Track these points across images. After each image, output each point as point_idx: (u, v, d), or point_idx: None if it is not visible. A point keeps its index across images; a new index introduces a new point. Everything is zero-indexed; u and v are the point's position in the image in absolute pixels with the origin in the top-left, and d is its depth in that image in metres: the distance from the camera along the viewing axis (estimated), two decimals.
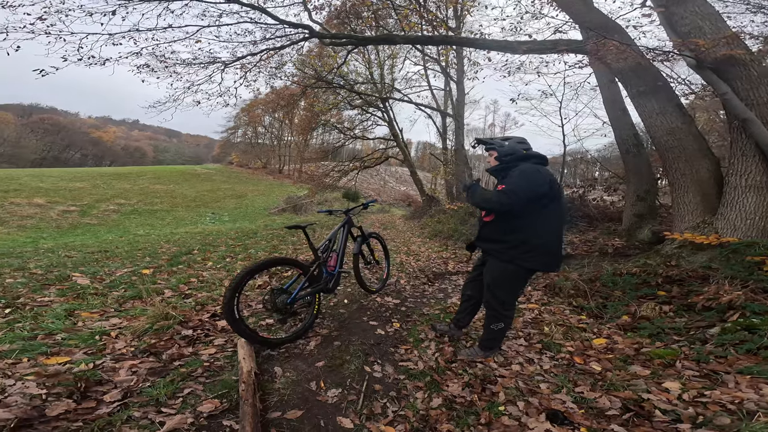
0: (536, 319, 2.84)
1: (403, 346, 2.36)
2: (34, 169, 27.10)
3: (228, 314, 1.79)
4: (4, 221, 13.76)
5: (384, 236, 7.92)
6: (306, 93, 11.24)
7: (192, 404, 1.45)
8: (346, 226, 2.92)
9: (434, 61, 12.24)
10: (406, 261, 5.10)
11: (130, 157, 49.13)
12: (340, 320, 2.67)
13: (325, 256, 2.57)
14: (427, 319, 2.83)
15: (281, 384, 1.73)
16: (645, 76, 3.98)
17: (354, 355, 2.11)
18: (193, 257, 4.50)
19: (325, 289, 2.51)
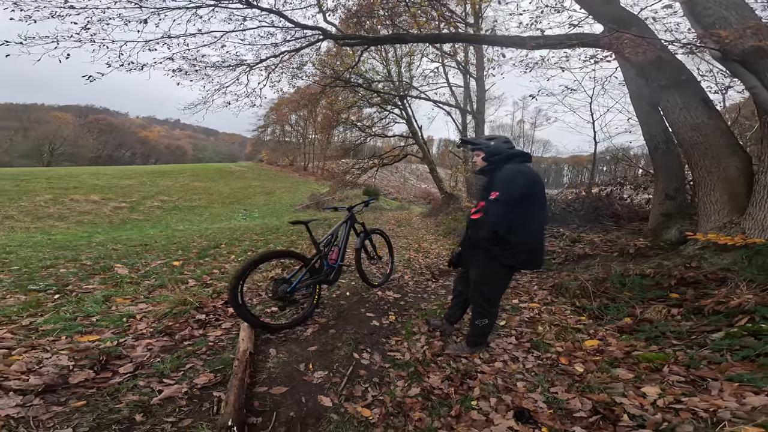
0: (533, 318, 2.83)
1: (395, 338, 2.49)
2: (91, 167, 29.91)
3: (233, 300, 2.02)
4: (65, 217, 15.28)
5: (397, 233, 8.05)
6: (325, 92, 11.53)
7: (190, 377, 1.68)
8: (348, 222, 3.09)
9: (451, 57, 12.00)
10: (414, 258, 5.18)
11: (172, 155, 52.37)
12: (339, 310, 2.84)
13: (326, 250, 2.73)
14: (423, 314, 2.93)
15: (273, 363, 1.93)
16: (667, 70, 3.73)
17: (345, 343, 2.27)
18: (219, 251, 4.89)
19: (326, 280, 2.69)
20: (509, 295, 3.34)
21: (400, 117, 14.28)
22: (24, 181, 19.68)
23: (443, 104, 13.13)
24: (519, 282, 3.77)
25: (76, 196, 18.46)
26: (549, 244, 5.06)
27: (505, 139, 2.09)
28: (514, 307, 3.06)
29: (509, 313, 2.91)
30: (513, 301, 3.17)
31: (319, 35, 6.40)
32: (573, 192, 6.96)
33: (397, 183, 31.80)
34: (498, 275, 2.07)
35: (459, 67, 12.23)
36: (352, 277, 3.85)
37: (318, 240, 2.77)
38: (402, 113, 13.95)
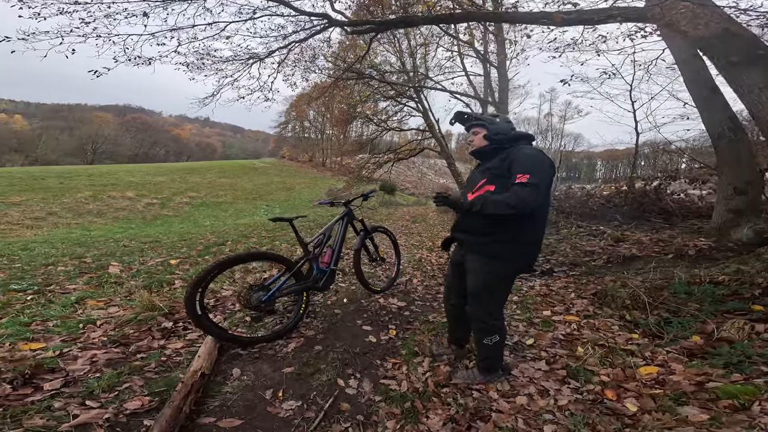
0: (571, 335, 2.28)
1: (393, 359, 2.05)
2: (128, 164, 31.52)
3: (190, 310, 1.69)
4: (103, 213, 15.99)
5: (410, 230, 7.56)
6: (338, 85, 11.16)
7: (123, 399, 1.37)
8: (345, 218, 2.67)
9: (468, 46, 11.07)
10: (427, 258, 4.70)
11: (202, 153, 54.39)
12: (331, 321, 2.44)
13: (317, 252, 2.35)
14: (430, 328, 2.46)
15: (232, 387, 1.57)
16: (736, 45, 3.01)
17: (330, 364, 1.87)
18: (222, 249, 4.67)
19: (314, 287, 2.30)
20: (540, 305, 2.79)
21: (415, 110, 13.51)
22: (67, 178, 20.96)
23: (461, 95, 12.27)
24: (552, 288, 3.21)
25: (113, 192, 19.41)
26: (587, 243, 4.42)
27: (507, 119, 1.76)
28: (545, 320, 2.50)
29: (539, 329, 2.37)
30: (544, 313, 2.62)
31: (325, 23, 6.04)
32: (612, 186, 6.16)
33: (414, 178, 31.13)
34: (503, 279, 1.69)
35: (478, 56, 11.32)
36: (353, 281, 3.45)
37: (307, 240, 2.39)
38: (418, 106, 13.21)
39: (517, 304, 2.85)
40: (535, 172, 1.47)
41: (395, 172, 26.95)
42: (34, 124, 41.60)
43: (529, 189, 1.43)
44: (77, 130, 40.04)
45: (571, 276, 3.52)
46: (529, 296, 3.01)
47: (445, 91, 12.21)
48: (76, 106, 49.95)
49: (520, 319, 2.54)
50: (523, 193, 1.43)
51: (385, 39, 11.91)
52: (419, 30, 11.30)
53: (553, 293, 3.06)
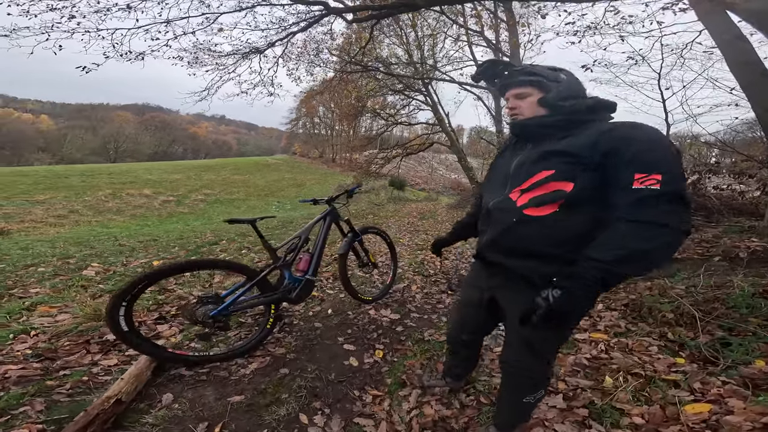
0: (597, 360, 1.84)
1: (373, 391, 1.69)
2: (146, 162, 32.33)
3: (111, 324, 1.41)
4: (122, 211, 16.34)
5: (417, 228, 7.14)
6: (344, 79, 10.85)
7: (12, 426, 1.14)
8: (327, 218, 2.30)
9: (479, 35, 10.40)
10: (431, 260, 4.30)
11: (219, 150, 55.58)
12: (308, 338, 2.09)
13: (290, 258, 2.01)
14: (423, 349, 2.08)
15: (154, 418, 1.28)
16: None
17: (294, 394, 1.53)
18: (214, 248, 4.42)
19: (286, 298, 1.96)
20: None
21: (424, 103, 13.08)
22: (89, 177, 21.63)
23: (471, 86, 11.57)
24: None
25: (131, 190, 19.93)
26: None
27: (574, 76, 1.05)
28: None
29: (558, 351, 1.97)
30: None
31: (323, 10, 5.70)
32: None
33: (424, 173, 30.51)
34: (578, 315, 1.06)
35: (489, 45, 10.58)
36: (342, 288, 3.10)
37: (278, 245, 2.05)
38: (426, 99, 12.75)
39: None
40: (669, 169, 0.80)
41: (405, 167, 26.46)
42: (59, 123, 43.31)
43: (670, 206, 0.78)
44: (100, 129, 41.43)
45: None
46: None
47: (453, 83, 11.61)
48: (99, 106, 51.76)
49: None
50: (667, 215, 0.78)
51: (391, 32, 11.53)
52: (426, 21, 10.83)
53: None
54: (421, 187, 25.71)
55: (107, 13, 4.54)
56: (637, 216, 0.80)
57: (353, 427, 1.43)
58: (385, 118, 14.46)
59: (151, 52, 5.11)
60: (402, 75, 11.51)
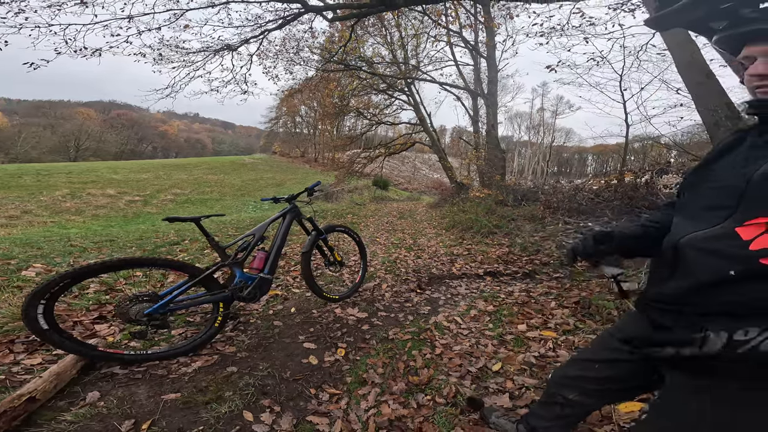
0: (545, 357, 1.92)
1: (331, 389, 1.68)
2: (111, 161, 30.88)
3: (28, 322, 1.38)
4: (82, 211, 15.55)
5: (395, 227, 7.18)
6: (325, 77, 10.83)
7: None
8: (287, 216, 2.29)
9: (458, 36, 10.83)
10: (403, 258, 4.32)
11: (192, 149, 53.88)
12: (263, 336, 2.06)
13: (242, 256, 1.99)
14: (386, 347, 2.09)
15: (74, 416, 1.25)
16: None
17: (240, 392, 1.50)
18: (173, 249, 4.26)
19: (237, 297, 1.94)
20: (515, 316, 2.41)
21: (407, 104, 13.33)
22: (45, 176, 20.35)
23: (451, 86, 11.97)
24: (532, 295, 2.84)
25: (92, 190, 18.97)
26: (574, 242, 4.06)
27: None
28: (518, 337, 2.14)
29: (510, 349, 2.01)
30: (519, 327, 2.26)
31: (300, 8, 5.66)
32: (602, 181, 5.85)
33: (407, 173, 30.87)
34: None
35: (467, 45, 11.04)
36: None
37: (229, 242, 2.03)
38: (409, 99, 12.97)
39: (490, 316, 2.47)
40: None
41: (389, 167, 26.61)
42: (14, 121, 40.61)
43: None
44: (59, 127, 39.12)
45: (554, 279, 3.15)
46: (505, 305, 2.64)
47: (434, 83, 11.90)
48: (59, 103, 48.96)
49: (491, 336, 2.17)
50: None
51: (376, 31, 11.68)
52: (410, 22, 11.08)
53: (532, 301, 2.69)
54: (404, 186, 25.93)
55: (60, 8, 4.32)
56: None
57: (305, 425, 1.41)
58: (368, 118, 14.54)
59: (109, 48, 4.91)
60: (385, 75, 11.62)
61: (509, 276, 3.44)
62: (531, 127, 43.68)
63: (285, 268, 3.43)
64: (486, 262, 3.98)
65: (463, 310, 2.63)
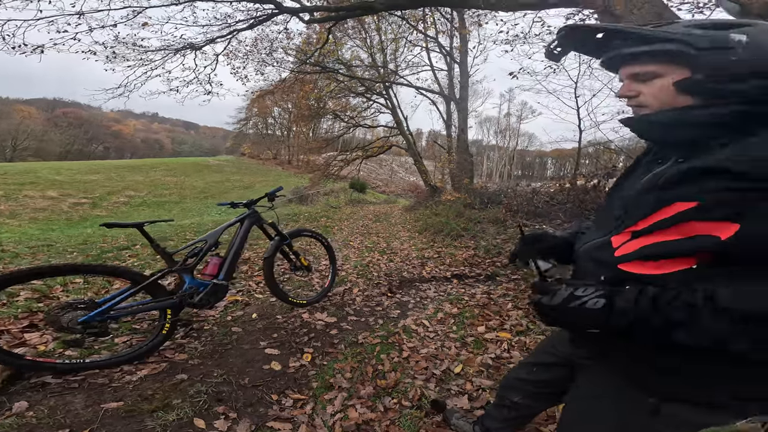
0: (501, 358, 2.04)
1: (295, 395, 1.67)
2: (54, 162, 28.74)
3: None
4: (17, 214, 14.40)
5: (369, 230, 7.22)
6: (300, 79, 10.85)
7: None
8: (245, 221, 2.29)
9: (435, 41, 11.37)
10: (377, 262, 4.37)
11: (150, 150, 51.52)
12: (220, 343, 2.02)
13: (192, 262, 1.98)
14: (354, 352, 2.11)
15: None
16: None
17: (191, 399, 1.46)
18: (121, 254, 4.04)
19: (188, 303, 1.92)
20: (477, 318, 2.52)
21: (384, 106, 13.61)
22: None
23: (426, 90, 12.51)
24: (492, 297, 2.98)
25: (30, 192, 17.59)
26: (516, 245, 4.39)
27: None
28: (477, 339, 2.25)
29: (470, 351, 2.11)
30: (479, 329, 2.37)
31: (274, 9, 5.64)
32: (557, 184, 6.26)
33: (385, 176, 31.23)
34: None
35: (441, 50, 11.64)
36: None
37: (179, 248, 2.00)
38: (387, 102, 13.25)
39: (454, 318, 2.58)
40: None
41: (367, 169, 26.71)
42: None
43: None
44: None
45: (513, 281, 3.34)
46: (468, 308, 2.76)
47: (411, 87, 12.32)
48: None
49: (454, 339, 2.28)
50: None
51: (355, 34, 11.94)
52: (390, 26, 11.48)
53: (492, 303, 2.84)
54: (381, 189, 26.16)
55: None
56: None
57: (265, 431, 1.40)
58: (345, 120, 14.69)
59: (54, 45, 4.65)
60: (363, 78, 11.84)
61: (473, 278, 3.59)
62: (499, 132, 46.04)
63: (248, 273, 3.37)
64: (453, 264, 4.13)
65: (431, 313, 2.71)
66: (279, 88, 11.63)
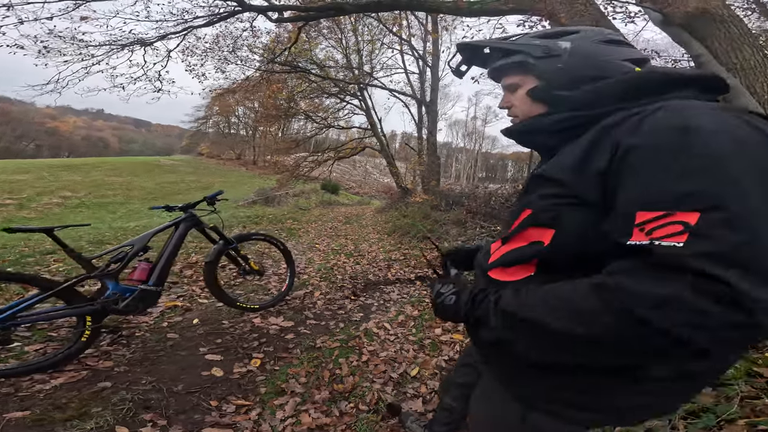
0: (454, 360, 2.11)
1: (239, 400, 1.61)
2: None
3: None
4: None
5: (338, 232, 7.17)
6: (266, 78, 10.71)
7: None
8: (181, 225, 2.23)
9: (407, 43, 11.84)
10: (342, 265, 4.33)
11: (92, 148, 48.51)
12: (152, 349, 1.93)
13: (115, 267, 1.92)
14: (312, 356, 2.07)
15: None
16: None
17: (113, 407, 1.40)
18: (45, 259, 3.70)
19: (112, 310, 1.87)
20: (434, 321, 2.58)
21: (359, 108, 13.79)
22: None
23: (399, 93, 12.85)
24: None
25: None
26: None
27: (608, 33, 0.65)
28: (434, 341, 2.32)
29: (427, 353, 2.17)
30: (436, 331, 2.44)
31: (236, 7, 5.52)
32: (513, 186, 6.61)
33: (359, 177, 31.28)
34: None
35: (413, 53, 12.09)
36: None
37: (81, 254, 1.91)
38: (361, 104, 13.47)
39: (414, 321, 2.64)
40: (735, 201, 0.39)
41: (340, 171, 26.58)
42: None
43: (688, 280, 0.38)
44: None
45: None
46: (427, 309, 2.82)
47: (385, 89, 12.67)
48: None
49: (413, 341, 2.34)
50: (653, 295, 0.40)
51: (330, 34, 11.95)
52: (367, 27, 11.72)
53: None
54: (355, 190, 26.15)
55: None
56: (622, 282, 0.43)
57: None
58: (317, 121, 14.67)
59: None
60: (336, 79, 11.93)
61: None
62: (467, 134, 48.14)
63: (193, 278, 3.23)
64: (418, 266, 4.22)
65: (393, 315, 2.75)
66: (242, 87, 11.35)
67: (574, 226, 0.53)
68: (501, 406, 0.70)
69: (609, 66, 0.60)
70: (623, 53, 0.62)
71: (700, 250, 0.38)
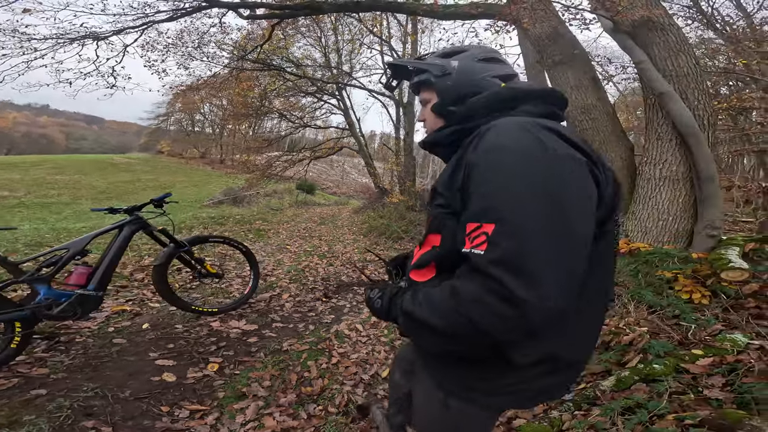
0: None
1: (194, 405, 1.56)
2: None
3: None
4: None
5: (312, 233, 7.11)
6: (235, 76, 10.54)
7: None
8: (125, 228, 2.21)
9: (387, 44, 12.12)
10: (314, 266, 4.29)
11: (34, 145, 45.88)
12: (95, 355, 1.86)
13: (48, 272, 1.90)
14: (276, 360, 2.04)
15: None
16: (562, 43, 3.63)
17: (49, 414, 1.34)
18: None
19: (45, 315, 1.84)
20: None
21: (337, 108, 13.91)
22: None
23: (378, 93, 12.99)
24: None
25: None
26: None
27: (485, 51, 0.78)
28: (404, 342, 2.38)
29: None
30: None
31: (204, 3, 5.40)
32: None
33: (336, 177, 31.17)
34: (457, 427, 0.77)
35: (391, 53, 12.38)
36: None
37: None
38: (339, 104, 13.57)
39: None
40: (512, 214, 0.51)
41: (317, 170, 26.33)
42: None
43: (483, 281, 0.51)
44: None
45: None
46: None
47: (364, 89, 12.80)
48: None
49: (384, 342, 2.37)
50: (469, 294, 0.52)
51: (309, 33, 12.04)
52: (348, 27, 11.89)
53: None
54: (332, 190, 26.02)
55: None
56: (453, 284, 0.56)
57: None
58: (293, 121, 14.55)
59: None
60: (314, 78, 11.94)
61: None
62: None
63: (144, 282, 3.11)
64: None
65: (365, 317, 2.75)
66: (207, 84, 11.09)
67: (452, 233, 0.61)
68: (428, 394, 0.77)
69: (483, 83, 0.71)
70: (495, 70, 0.72)
71: (491, 256, 0.49)
